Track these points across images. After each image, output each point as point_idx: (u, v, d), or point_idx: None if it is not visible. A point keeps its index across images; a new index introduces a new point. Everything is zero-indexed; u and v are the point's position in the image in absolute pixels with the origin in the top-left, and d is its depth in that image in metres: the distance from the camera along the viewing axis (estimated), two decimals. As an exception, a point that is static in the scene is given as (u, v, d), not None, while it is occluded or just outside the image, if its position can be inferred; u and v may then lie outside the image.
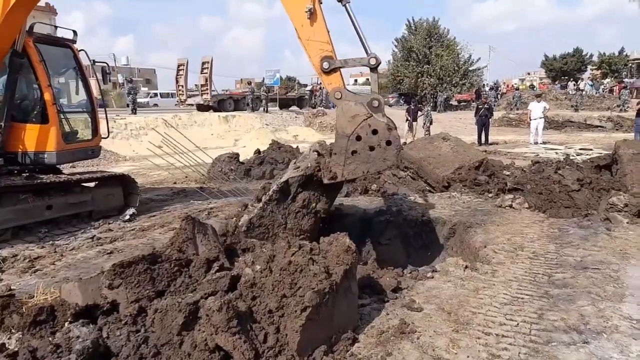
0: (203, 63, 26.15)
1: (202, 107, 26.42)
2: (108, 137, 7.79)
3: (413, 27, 40.15)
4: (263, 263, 3.11)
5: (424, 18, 40.09)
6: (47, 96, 6.15)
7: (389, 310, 3.56)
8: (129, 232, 6.20)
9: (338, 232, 3.48)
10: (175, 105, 32.14)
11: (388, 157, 4.37)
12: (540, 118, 17.07)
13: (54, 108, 6.19)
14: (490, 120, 17.66)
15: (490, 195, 7.73)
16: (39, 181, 5.96)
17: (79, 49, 7.02)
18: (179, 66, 26.64)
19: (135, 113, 23.08)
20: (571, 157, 11.92)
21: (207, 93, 25.74)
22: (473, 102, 33.68)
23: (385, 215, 6.73)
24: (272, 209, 4.67)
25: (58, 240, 5.82)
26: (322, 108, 32.24)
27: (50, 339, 2.85)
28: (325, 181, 4.56)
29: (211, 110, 26.05)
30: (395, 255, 6.02)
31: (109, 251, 5.29)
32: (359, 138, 4.40)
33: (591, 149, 14.72)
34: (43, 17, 48.58)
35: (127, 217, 6.90)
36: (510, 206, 6.92)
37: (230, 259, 4.74)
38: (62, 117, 6.47)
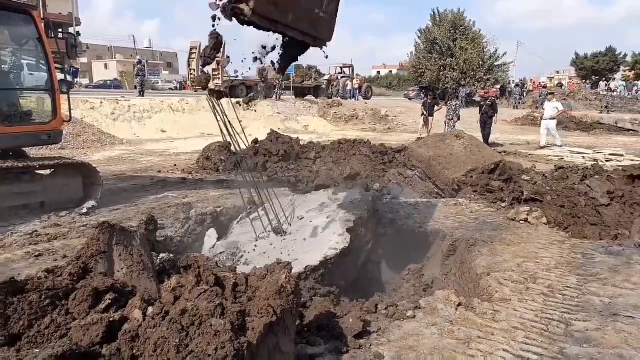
0: (216, 47, 25.33)
1: (213, 93, 25.67)
2: (70, 121, 6.98)
3: (438, 19, 38.52)
4: (159, 305, 2.23)
5: (449, 9, 38.44)
6: (-23, 70, 5.33)
7: (345, 367, 2.66)
8: (78, 228, 5.40)
9: (282, 262, 2.58)
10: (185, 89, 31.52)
11: None
12: (552, 119, 15.65)
13: None
14: (494, 118, 15.99)
15: (503, 205, 6.69)
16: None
17: (42, 17, 6.19)
18: (191, 49, 25.71)
19: (143, 95, 22.46)
20: (600, 163, 10.74)
21: (219, 78, 24.93)
22: (497, 98, 32.10)
23: (377, 225, 5.79)
24: None
25: (-9, 235, 5.06)
26: (339, 99, 31.23)
27: None
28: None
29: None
30: (386, 277, 5.08)
31: (38, 253, 4.49)
32: None
33: (622, 155, 13.40)
34: (64, -4, 48.41)
35: (85, 210, 6.11)
36: (526, 220, 5.89)
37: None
38: None
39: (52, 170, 6.21)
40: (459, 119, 17.97)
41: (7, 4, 5.92)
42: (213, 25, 3.86)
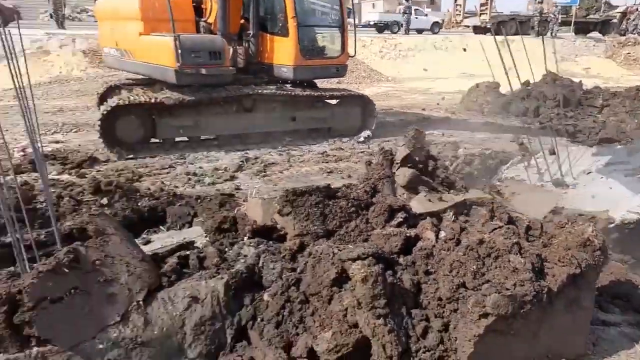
0: (486, -22, 23.42)
1: (478, 30, 24.15)
2: (355, 55, 7.63)
3: None
4: (450, 231, 2.32)
5: None
6: (289, 8, 6.20)
7: (646, 345, 2.29)
8: (357, 154, 6.10)
9: (585, 215, 2.32)
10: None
11: None
12: None
13: (293, 21, 6.22)
14: None
15: None
16: (286, 93, 6.32)
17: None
18: (460, -17, 24.69)
19: (407, 33, 22.92)
20: None
21: (486, 13, 23.20)
22: None
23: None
24: None
25: (294, 151, 6.18)
26: (636, 36, 25.11)
27: (227, 248, 2.89)
28: None
29: (489, 34, 23.54)
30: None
31: (329, 170, 5.28)
32: None
33: None
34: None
35: (362, 138, 6.81)
36: None
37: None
38: (302, 31, 6.42)
39: (338, 100, 7.07)
40: None
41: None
42: None
